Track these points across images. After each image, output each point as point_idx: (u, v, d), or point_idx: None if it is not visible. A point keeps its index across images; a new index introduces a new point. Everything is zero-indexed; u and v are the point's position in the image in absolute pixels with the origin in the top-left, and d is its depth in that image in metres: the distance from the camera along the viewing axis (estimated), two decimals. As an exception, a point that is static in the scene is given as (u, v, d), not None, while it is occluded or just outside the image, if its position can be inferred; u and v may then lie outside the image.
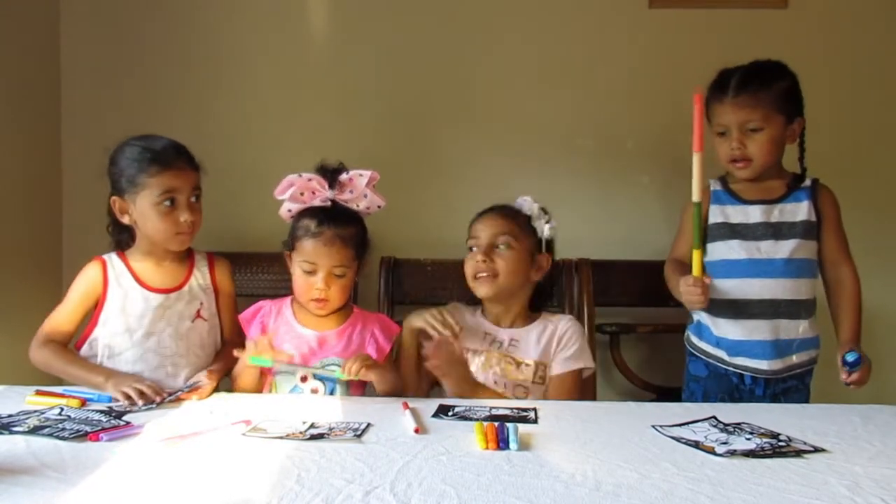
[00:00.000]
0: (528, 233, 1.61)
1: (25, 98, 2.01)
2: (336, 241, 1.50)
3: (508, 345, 1.59)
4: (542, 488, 0.92)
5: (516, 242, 1.58)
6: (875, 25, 2.09)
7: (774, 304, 1.62)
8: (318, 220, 1.51)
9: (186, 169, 1.52)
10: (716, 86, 1.66)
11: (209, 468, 0.99)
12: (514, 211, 1.63)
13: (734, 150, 1.63)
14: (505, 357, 1.57)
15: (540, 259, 1.62)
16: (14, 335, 1.79)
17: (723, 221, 1.68)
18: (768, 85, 1.62)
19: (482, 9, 2.12)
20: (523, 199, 1.65)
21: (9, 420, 1.18)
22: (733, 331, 1.64)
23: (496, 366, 1.56)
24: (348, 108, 2.14)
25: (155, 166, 1.49)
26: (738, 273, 1.64)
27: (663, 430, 1.19)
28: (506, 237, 1.57)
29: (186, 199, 1.51)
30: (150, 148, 1.51)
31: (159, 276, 1.56)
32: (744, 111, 1.62)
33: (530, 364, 1.57)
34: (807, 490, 0.93)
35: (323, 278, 1.50)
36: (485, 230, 1.59)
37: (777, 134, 1.63)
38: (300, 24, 2.15)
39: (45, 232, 2.09)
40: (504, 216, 1.61)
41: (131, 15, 2.13)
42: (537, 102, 2.12)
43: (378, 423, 1.20)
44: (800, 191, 1.67)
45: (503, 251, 1.57)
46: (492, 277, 1.56)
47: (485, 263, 1.56)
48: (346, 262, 1.52)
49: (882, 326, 2.09)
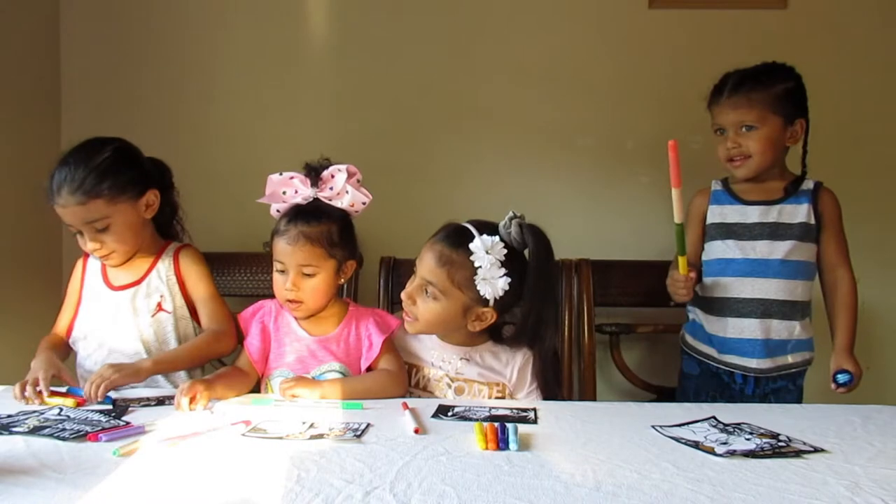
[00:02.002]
0: (460, 275, 1.42)
1: (25, 98, 2.01)
2: (300, 239, 1.46)
3: (457, 368, 1.50)
4: (542, 488, 0.92)
5: (440, 293, 1.44)
6: (875, 25, 2.09)
7: (766, 304, 1.63)
8: (287, 218, 1.50)
9: (70, 205, 1.47)
10: (715, 88, 1.68)
11: (209, 468, 0.99)
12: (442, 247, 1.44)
13: (730, 149, 1.65)
14: (455, 380, 1.49)
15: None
16: (14, 335, 1.79)
17: (720, 222, 1.70)
18: (765, 86, 1.64)
19: (482, 9, 2.12)
20: (482, 240, 1.41)
21: (9, 420, 1.18)
22: (724, 328, 1.66)
23: (444, 387, 1.49)
24: (348, 108, 2.14)
25: (49, 198, 1.50)
26: (733, 272, 1.65)
27: (663, 431, 1.19)
28: (432, 287, 1.44)
29: (85, 230, 1.50)
30: (51, 176, 1.49)
31: (124, 272, 1.58)
32: (738, 111, 1.64)
33: (484, 385, 1.49)
34: (807, 490, 0.93)
35: (291, 278, 1.48)
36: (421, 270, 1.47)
37: (773, 134, 1.64)
38: (299, 24, 2.15)
39: (45, 232, 2.09)
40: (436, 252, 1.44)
41: (131, 15, 2.14)
42: (537, 102, 2.12)
43: (378, 424, 1.20)
44: (801, 193, 1.68)
45: (427, 297, 1.45)
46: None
47: (411, 307, 1.47)
48: (314, 261, 1.47)
49: (882, 326, 2.09)
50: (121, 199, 1.51)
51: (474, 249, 1.40)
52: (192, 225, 1.75)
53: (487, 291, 1.40)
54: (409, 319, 1.49)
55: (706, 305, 1.69)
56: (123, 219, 1.52)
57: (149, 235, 1.62)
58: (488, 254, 1.39)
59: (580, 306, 1.92)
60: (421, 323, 1.48)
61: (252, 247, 1.97)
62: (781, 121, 1.64)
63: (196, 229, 1.77)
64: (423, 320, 1.47)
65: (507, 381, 1.50)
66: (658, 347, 2.09)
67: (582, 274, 1.95)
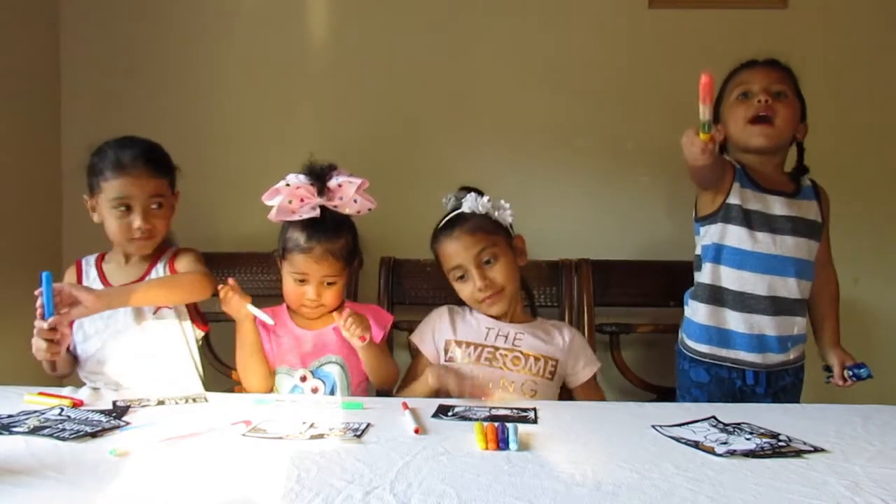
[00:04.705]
0: (497, 231, 1.59)
1: (25, 98, 2.01)
2: (327, 257, 1.50)
3: (514, 339, 1.58)
4: (542, 488, 0.92)
5: (498, 249, 1.57)
6: (875, 25, 2.09)
7: (782, 302, 1.61)
8: (307, 234, 1.50)
9: (144, 176, 1.51)
10: (742, 64, 1.67)
11: (209, 468, 0.99)
12: (477, 221, 1.58)
13: (759, 104, 1.58)
14: (512, 351, 1.55)
15: (518, 244, 1.63)
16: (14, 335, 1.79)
17: (740, 204, 1.61)
18: (790, 73, 1.65)
19: (482, 9, 2.12)
20: (468, 200, 1.59)
21: (9, 420, 1.18)
22: (738, 323, 1.62)
23: (503, 360, 1.54)
24: (348, 108, 2.14)
25: (111, 171, 1.51)
26: (752, 267, 1.61)
27: (663, 430, 1.19)
28: (488, 251, 1.56)
29: (142, 205, 1.51)
30: (113, 151, 1.52)
31: (123, 274, 1.58)
32: (775, 74, 1.63)
33: (539, 358, 1.55)
34: (807, 490, 0.93)
35: (314, 289, 1.51)
36: (461, 253, 1.56)
37: (795, 114, 1.62)
38: (298, 25, 2.15)
39: (45, 232, 2.09)
40: (472, 232, 1.56)
41: (131, 15, 2.13)
42: (537, 102, 2.12)
43: (378, 424, 1.20)
44: (805, 189, 1.67)
45: (492, 264, 1.56)
46: (496, 294, 1.56)
47: (485, 285, 1.54)
48: (336, 273, 1.53)
49: (882, 326, 2.09)
50: (172, 186, 1.59)
51: (469, 204, 1.58)
52: (193, 225, 1.75)
53: (506, 218, 1.60)
54: (493, 299, 1.56)
55: (719, 298, 1.63)
56: (170, 205, 1.58)
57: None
58: (477, 202, 1.58)
59: (580, 306, 1.92)
60: (507, 287, 1.57)
61: (252, 247, 1.97)
62: (800, 108, 1.64)
63: (196, 229, 1.77)
64: (506, 283, 1.56)
65: (559, 358, 1.58)
66: (658, 347, 2.09)
67: (582, 274, 1.95)
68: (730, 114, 1.65)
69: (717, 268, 1.63)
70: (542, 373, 1.55)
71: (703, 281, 1.66)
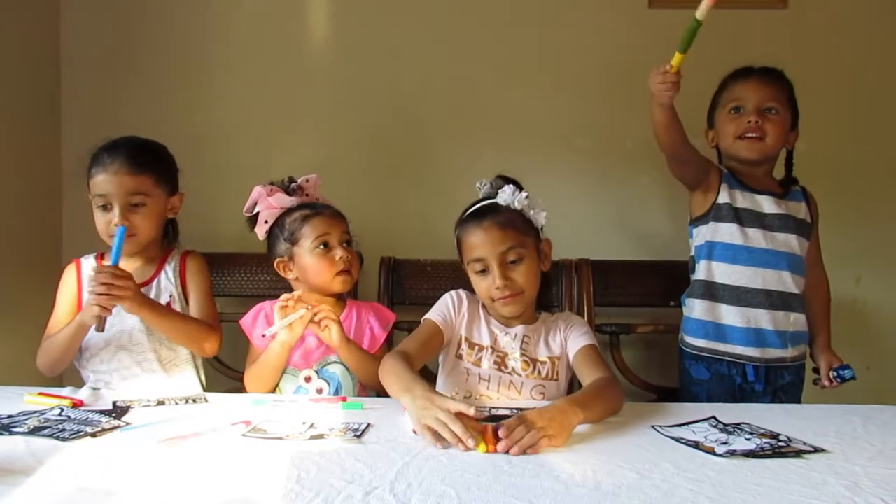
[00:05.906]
0: (528, 231, 1.48)
1: (25, 98, 2.01)
2: (339, 218, 1.59)
3: (522, 342, 1.51)
4: (542, 488, 0.92)
5: (526, 251, 1.46)
6: (875, 26, 2.09)
7: (776, 295, 1.63)
8: (315, 217, 1.58)
9: (123, 173, 1.50)
10: (740, 70, 1.69)
11: (209, 468, 0.99)
12: (510, 217, 1.47)
13: (749, 122, 1.63)
14: (522, 356, 1.49)
15: (545, 248, 1.52)
16: (14, 335, 1.79)
17: (730, 203, 1.66)
18: (785, 83, 1.68)
19: (482, 9, 2.12)
20: (505, 192, 1.48)
21: (9, 420, 1.18)
22: (734, 317, 1.64)
23: (511, 365, 1.49)
24: (348, 109, 2.14)
25: (95, 168, 1.52)
26: (745, 261, 1.63)
27: (663, 431, 1.19)
28: (515, 251, 1.44)
29: (120, 203, 1.50)
30: (102, 149, 1.53)
31: (128, 271, 1.56)
32: (768, 90, 1.65)
33: (545, 361, 1.50)
34: (807, 490, 0.93)
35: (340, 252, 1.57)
36: (486, 246, 1.45)
37: (786, 127, 1.66)
38: (299, 24, 2.15)
39: (45, 232, 2.09)
40: (503, 227, 1.45)
41: (131, 14, 2.13)
42: (537, 102, 2.12)
43: (378, 424, 1.20)
44: (794, 191, 1.71)
45: (517, 265, 1.45)
46: (514, 296, 1.45)
47: (504, 285, 1.43)
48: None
49: (882, 326, 2.09)
50: (161, 186, 1.56)
51: (506, 198, 1.47)
52: (193, 225, 1.75)
53: (539, 219, 1.49)
54: (509, 300, 1.45)
55: (714, 294, 1.65)
56: (156, 205, 1.56)
57: (159, 237, 1.62)
58: (514, 196, 1.47)
59: (580, 306, 1.92)
60: (526, 291, 1.46)
61: (252, 247, 1.97)
62: (791, 119, 1.67)
63: (196, 229, 1.77)
64: (527, 287, 1.46)
65: (560, 354, 1.51)
66: (658, 347, 2.09)
67: (582, 274, 1.95)
68: (721, 125, 1.71)
69: (710, 264, 1.67)
70: (549, 375, 1.50)
71: (697, 278, 1.70)
